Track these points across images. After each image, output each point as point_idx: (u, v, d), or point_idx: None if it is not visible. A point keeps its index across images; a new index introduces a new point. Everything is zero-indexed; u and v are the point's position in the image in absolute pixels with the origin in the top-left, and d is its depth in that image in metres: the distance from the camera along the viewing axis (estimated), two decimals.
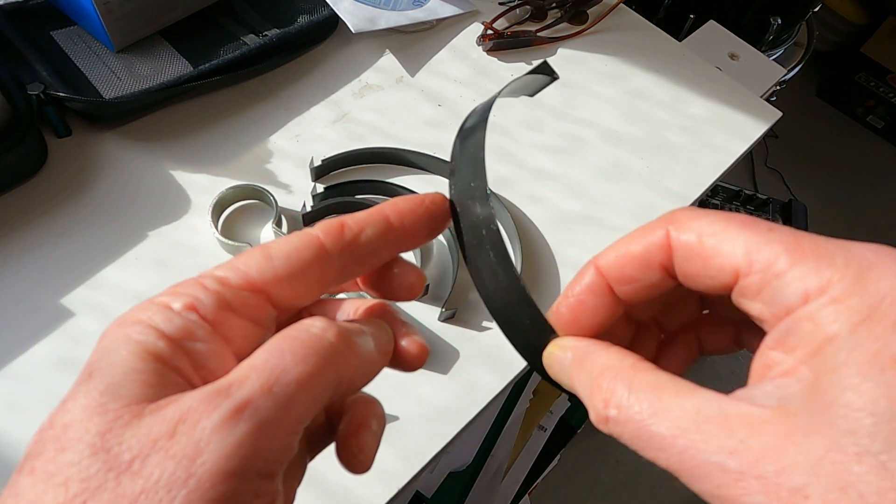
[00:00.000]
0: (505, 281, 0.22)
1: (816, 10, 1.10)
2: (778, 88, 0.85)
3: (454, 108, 0.62)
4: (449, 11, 0.67)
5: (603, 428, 0.18)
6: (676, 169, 0.61)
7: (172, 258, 0.50)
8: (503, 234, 0.54)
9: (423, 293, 0.50)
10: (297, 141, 0.57)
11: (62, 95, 0.50)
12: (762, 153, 1.93)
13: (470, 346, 0.49)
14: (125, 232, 0.50)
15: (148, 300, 0.19)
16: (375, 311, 0.24)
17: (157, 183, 0.53)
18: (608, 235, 0.56)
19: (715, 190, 1.57)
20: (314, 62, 0.62)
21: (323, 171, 0.55)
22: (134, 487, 0.16)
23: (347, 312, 0.24)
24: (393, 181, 0.55)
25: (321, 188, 0.53)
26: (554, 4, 0.69)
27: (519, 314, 0.23)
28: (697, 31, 0.76)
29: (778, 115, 0.66)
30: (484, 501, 0.95)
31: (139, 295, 0.48)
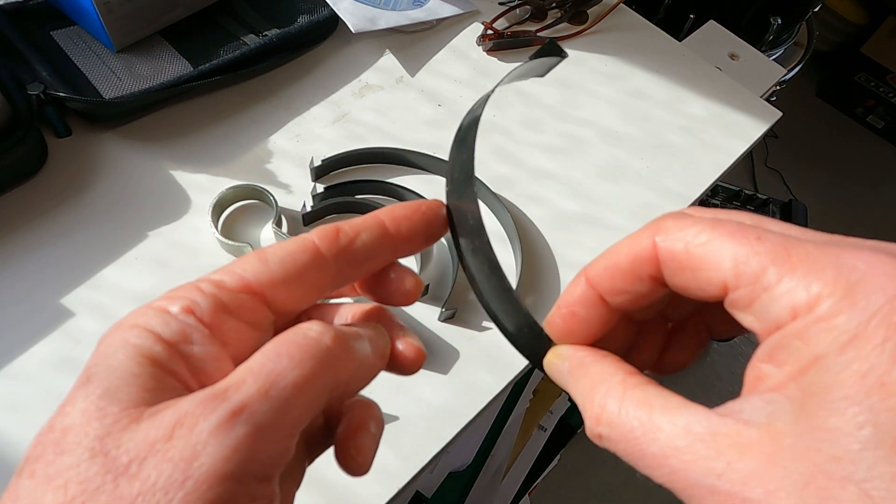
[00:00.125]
0: (498, 292, 0.23)
1: (816, 10, 1.10)
2: (778, 88, 0.85)
3: (454, 108, 0.62)
4: (449, 11, 0.67)
5: (597, 443, 0.19)
6: (676, 169, 0.61)
7: (172, 258, 0.50)
8: (504, 233, 0.54)
9: (422, 293, 0.50)
10: (297, 141, 0.57)
11: (62, 95, 0.50)
12: (762, 153, 1.93)
13: (470, 346, 0.49)
14: (125, 232, 0.50)
15: (145, 305, 0.20)
16: (372, 315, 0.24)
17: (157, 183, 0.53)
18: (608, 235, 0.56)
19: (715, 190, 1.57)
20: (314, 62, 0.62)
21: (323, 171, 0.55)
22: (131, 490, 0.16)
23: (345, 317, 0.24)
24: (393, 181, 0.55)
25: (321, 188, 0.53)
26: (554, 4, 0.69)
27: (515, 323, 0.23)
28: (697, 31, 0.76)
29: (778, 115, 0.66)
30: (484, 501, 0.95)
31: (139, 295, 0.48)
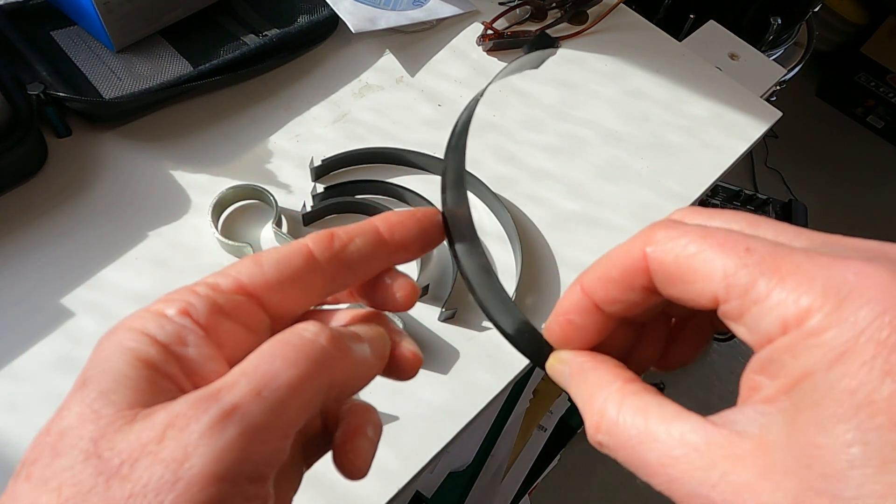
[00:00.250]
0: (494, 297, 0.23)
1: (816, 10, 1.10)
2: (778, 88, 0.85)
3: (454, 108, 0.62)
4: (449, 11, 0.67)
5: (598, 448, 0.19)
6: (676, 169, 0.61)
7: (172, 258, 0.50)
8: (504, 233, 0.54)
9: (422, 293, 0.50)
10: (297, 141, 0.57)
11: (62, 95, 0.50)
12: (762, 153, 1.93)
13: (470, 346, 0.49)
14: (125, 232, 0.50)
15: (142, 309, 0.20)
16: (370, 319, 0.24)
17: (157, 183, 0.53)
18: (608, 235, 0.56)
19: (715, 190, 1.57)
20: (314, 62, 0.62)
21: (323, 171, 0.55)
22: (123, 491, 0.16)
23: (342, 321, 0.24)
24: (393, 181, 0.55)
25: (321, 188, 0.53)
26: (554, 4, 0.69)
27: (514, 328, 0.23)
28: (697, 31, 0.76)
29: (778, 115, 0.66)
30: (484, 501, 0.95)
31: (139, 295, 0.48)
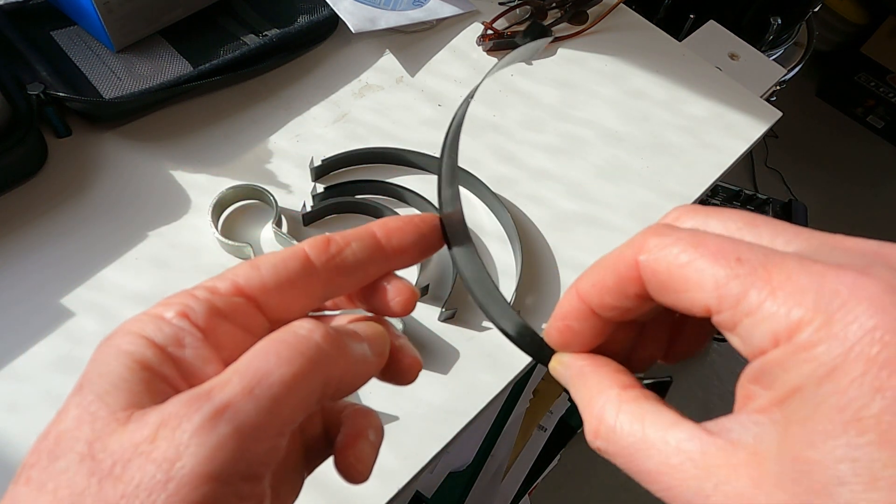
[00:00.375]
0: (493, 301, 0.23)
1: (816, 10, 1.10)
2: (778, 88, 0.85)
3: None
4: (449, 11, 0.67)
5: (598, 453, 0.19)
6: (676, 169, 0.61)
7: (172, 258, 0.50)
8: (504, 233, 0.54)
9: (422, 293, 0.50)
10: (297, 141, 0.57)
11: (62, 95, 0.50)
12: (762, 153, 1.93)
13: (470, 346, 0.49)
14: (125, 232, 0.50)
15: (141, 312, 0.20)
16: (370, 321, 0.24)
17: (157, 183, 0.53)
18: (608, 235, 0.56)
19: (715, 190, 1.57)
20: (314, 62, 0.62)
21: (323, 171, 0.55)
22: (115, 492, 0.16)
23: (341, 324, 0.24)
24: (393, 181, 0.55)
25: (321, 188, 0.53)
26: (554, 4, 0.69)
27: (516, 331, 0.23)
28: (697, 31, 0.76)
29: (778, 115, 0.66)
30: (484, 501, 0.95)
31: (139, 295, 0.48)
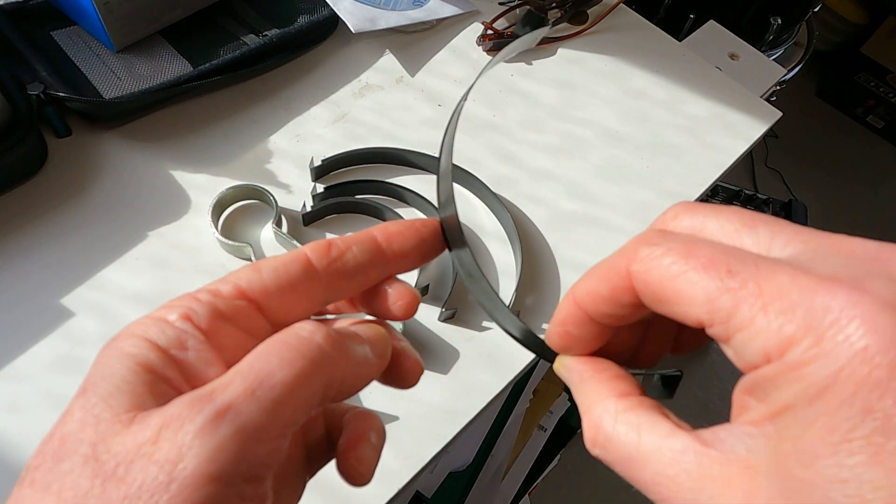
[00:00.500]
0: (492, 302, 0.24)
1: (816, 10, 1.10)
2: (778, 88, 0.85)
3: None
4: (449, 11, 0.67)
5: (597, 458, 0.19)
6: (676, 169, 0.61)
7: (172, 258, 0.50)
8: (504, 233, 0.54)
9: (422, 294, 0.50)
10: (297, 141, 0.57)
11: (62, 95, 0.50)
12: (762, 153, 1.93)
13: (470, 346, 0.49)
14: (125, 232, 0.50)
15: (144, 315, 0.20)
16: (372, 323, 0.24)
17: (157, 183, 0.53)
18: (608, 235, 0.56)
19: (715, 190, 1.57)
20: (314, 62, 0.62)
21: (323, 171, 0.55)
22: (118, 493, 0.16)
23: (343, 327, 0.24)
24: (393, 181, 0.55)
25: (321, 188, 0.53)
26: (554, 4, 0.69)
27: (518, 334, 0.24)
28: (697, 31, 0.76)
29: (778, 115, 0.66)
30: (484, 501, 0.95)
31: (139, 295, 0.48)
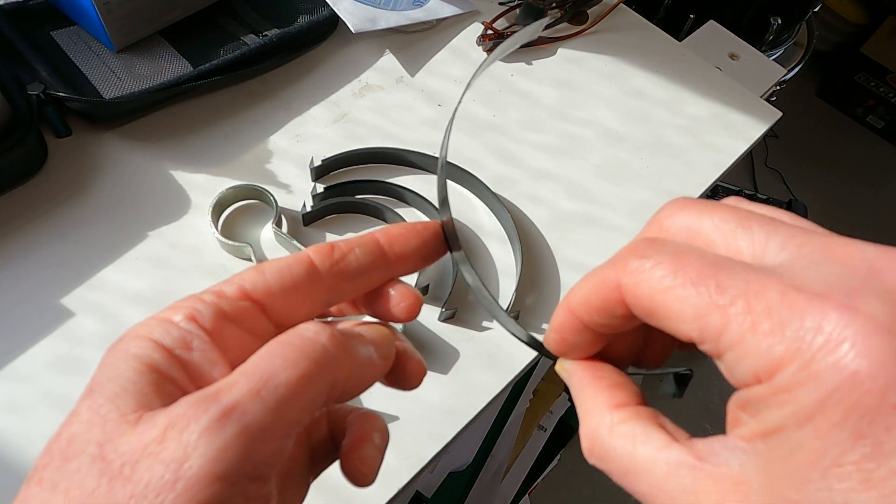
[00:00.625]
0: (491, 305, 0.24)
1: (816, 10, 1.10)
2: (778, 88, 0.85)
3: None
4: (449, 11, 0.67)
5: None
6: (676, 169, 0.61)
7: (172, 258, 0.50)
8: (504, 233, 0.54)
9: (422, 294, 0.50)
10: (297, 141, 0.57)
11: (62, 95, 0.50)
12: (762, 153, 1.93)
13: (470, 346, 0.49)
14: (125, 232, 0.50)
15: (149, 316, 0.20)
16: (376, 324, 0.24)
17: (157, 183, 0.53)
18: (608, 235, 0.56)
19: (715, 190, 1.57)
20: (314, 62, 0.62)
21: (323, 171, 0.55)
22: (125, 492, 0.16)
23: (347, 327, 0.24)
24: (393, 181, 0.55)
25: (321, 188, 0.53)
26: (554, 4, 0.69)
27: (519, 337, 0.24)
28: (697, 31, 0.76)
29: (778, 115, 0.66)
30: (484, 501, 0.96)
31: (139, 295, 0.48)
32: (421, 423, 0.45)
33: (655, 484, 0.17)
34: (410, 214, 0.54)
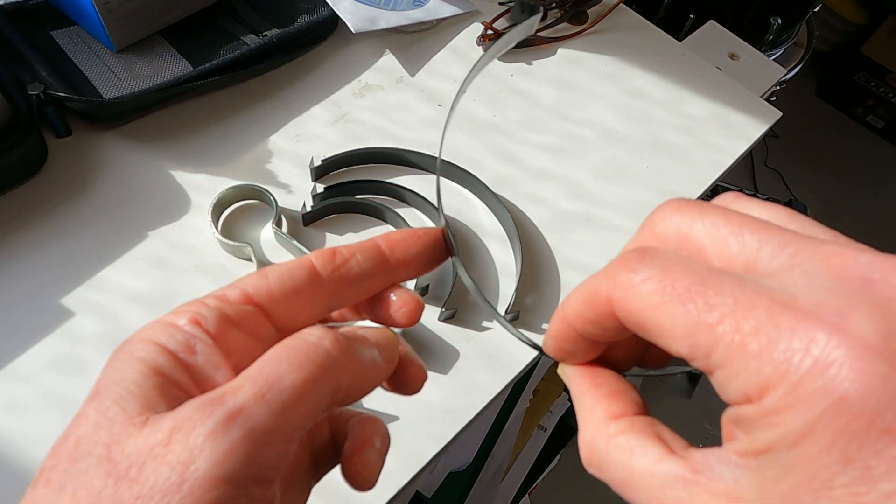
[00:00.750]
0: (489, 308, 0.25)
1: (816, 10, 1.10)
2: (778, 88, 0.85)
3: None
4: (449, 11, 0.67)
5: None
6: (676, 169, 0.61)
7: (172, 258, 0.50)
8: (504, 233, 0.54)
9: (422, 294, 0.50)
10: (297, 141, 0.57)
11: (62, 95, 0.50)
12: (762, 153, 1.93)
13: (470, 346, 0.49)
14: (125, 232, 0.50)
15: (154, 320, 0.21)
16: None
17: (157, 183, 0.53)
18: (608, 235, 0.56)
19: (715, 190, 1.56)
20: (314, 62, 0.62)
21: (323, 171, 0.55)
22: (131, 493, 0.17)
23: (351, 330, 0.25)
24: (393, 181, 0.55)
25: (321, 188, 0.53)
26: (554, 4, 0.69)
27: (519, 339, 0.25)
28: (697, 31, 0.76)
29: (778, 115, 0.66)
30: (484, 501, 0.96)
31: (139, 295, 0.48)
32: (421, 423, 0.45)
33: (653, 496, 0.17)
34: (410, 214, 0.54)
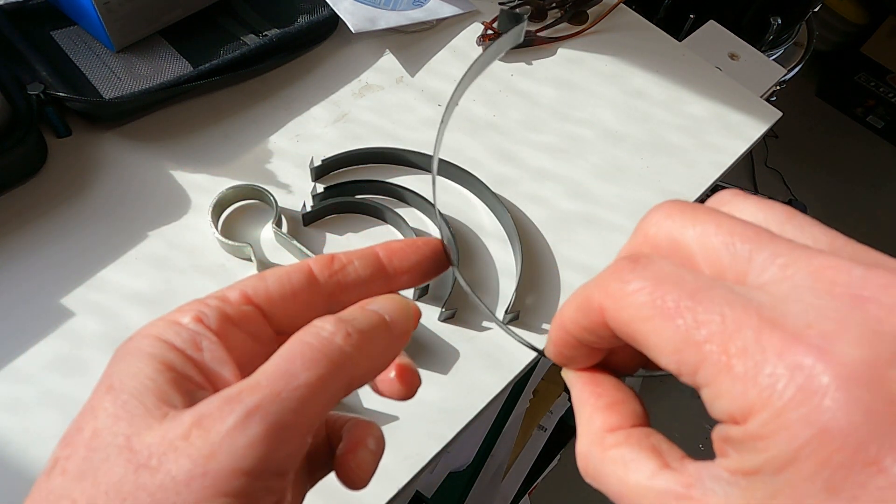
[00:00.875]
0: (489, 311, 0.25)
1: (816, 10, 1.10)
2: (778, 88, 0.85)
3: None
4: (449, 11, 0.67)
5: None
6: (676, 169, 0.61)
7: (172, 258, 0.50)
8: (504, 233, 0.54)
9: (422, 293, 0.50)
10: (297, 141, 0.57)
11: (62, 95, 0.50)
12: (762, 153, 1.93)
13: (470, 346, 0.49)
14: (125, 232, 0.50)
15: (157, 318, 0.21)
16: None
17: (157, 183, 0.53)
18: (608, 235, 0.56)
19: (715, 190, 1.56)
20: (314, 62, 0.62)
21: (323, 171, 0.55)
22: (153, 480, 0.17)
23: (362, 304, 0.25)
24: (393, 181, 0.55)
25: (321, 188, 0.53)
26: (554, 4, 0.69)
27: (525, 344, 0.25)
28: (697, 31, 0.76)
29: (778, 115, 0.66)
30: (484, 501, 0.96)
31: (139, 295, 0.48)
32: (421, 423, 0.45)
33: None
34: (410, 214, 0.54)
